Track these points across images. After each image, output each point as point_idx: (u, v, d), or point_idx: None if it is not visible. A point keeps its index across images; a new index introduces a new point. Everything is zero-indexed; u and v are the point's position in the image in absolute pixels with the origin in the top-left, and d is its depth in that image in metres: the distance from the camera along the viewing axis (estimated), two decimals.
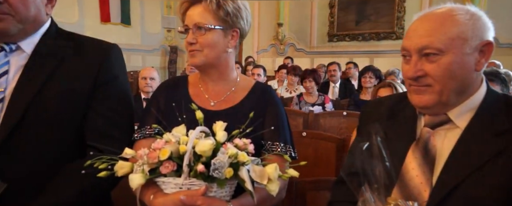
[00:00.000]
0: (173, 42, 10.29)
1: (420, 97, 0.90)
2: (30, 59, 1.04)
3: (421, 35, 0.88)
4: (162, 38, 10.26)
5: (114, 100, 1.12)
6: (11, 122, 0.96)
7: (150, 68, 3.71)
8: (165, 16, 10.08)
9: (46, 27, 1.10)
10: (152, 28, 9.88)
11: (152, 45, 9.86)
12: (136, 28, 9.46)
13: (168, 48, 10.14)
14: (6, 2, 0.96)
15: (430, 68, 0.86)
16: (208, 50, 1.12)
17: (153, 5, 9.74)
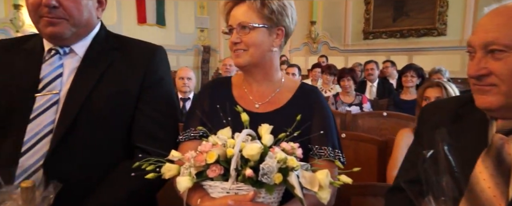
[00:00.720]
0: (206, 42, 10.44)
1: (484, 98, 0.81)
2: (82, 62, 1.06)
3: (488, 30, 0.79)
4: (195, 38, 10.43)
5: (160, 102, 1.13)
6: (66, 123, 0.98)
7: (187, 68, 3.77)
8: (198, 16, 10.24)
9: (97, 31, 1.13)
10: (185, 28, 10.07)
11: (185, 45, 10.05)
12: (171, 28, 9.69)
13: (201, 48, 10.29)
14: (62, 7, 0.99)
15: (496, 66, 0.78)
16: (253, 50, 1.09)
17: (186, 6, 9.93)
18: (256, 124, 1.04)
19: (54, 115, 1.00)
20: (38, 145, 0.97)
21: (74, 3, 1.00)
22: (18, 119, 0.98)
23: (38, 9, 0.98)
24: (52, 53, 1.05)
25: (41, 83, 1.01)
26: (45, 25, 1.00)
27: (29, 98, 0.99)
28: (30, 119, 0.98)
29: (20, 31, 7.15)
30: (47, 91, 1.01)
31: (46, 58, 1.05)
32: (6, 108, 0.99)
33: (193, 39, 10.36)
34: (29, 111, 0.98)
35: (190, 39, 10.24)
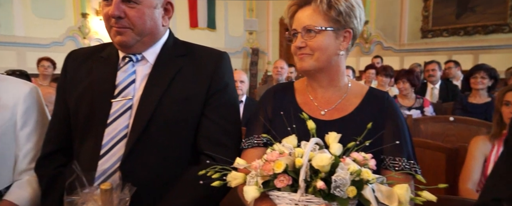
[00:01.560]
0: (254, 44, 10.53)
1: None
2: (153, 68, 1.10)
3: None
4: (244, 40, 10.57)
5: (226, 108, 1.13)
6: (139, 128, 1.02)
7: (239, 71, 3.81)
8: (247, 19, 10.37)
9: (166, 38, 1.16)
10: (235, 31, 10.25)
11: (234, 47, 10.23)
12: (220, 31, 9.92)
13: (249, 50, 10.40)
14: (127, 17, 1.02)
15: None
16: (319, 54, 1.04)
17: (236, 9, 10.10)
18: (322, 132, 0.99)
19: (128, 119, 1.04)
20: (115, 148, 1.01)
21: (138, 13, 1.03)
22: (97, 123, 1.03)
23: (109, 20, 1.03)
24: (126, 60, 1.10)
25: (117, 89, 1.06)
26: (114, 35, 1.05)
27: (107, 104, 1.04)
28: (107, 123, 1.03)
29: (86, 37, 7.79)
30: (122, 97, 1.05)
31: (121, 66, 1.10)
32: (86, 113, 1.05)
33: (242, 42, 10.51)
34: (106, 116, 1.03)
35: (239, 42, 10.40)
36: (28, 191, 1.11)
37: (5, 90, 1.12)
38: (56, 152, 1.11)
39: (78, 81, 1.11)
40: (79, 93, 1.08)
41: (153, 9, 1.07)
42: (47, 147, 1.12)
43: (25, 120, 1.14)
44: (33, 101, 1.17)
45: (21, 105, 1.13)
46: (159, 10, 1.09)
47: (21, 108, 1.13)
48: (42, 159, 1.10)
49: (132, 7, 1.02)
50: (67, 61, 1.16)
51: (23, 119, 1.13)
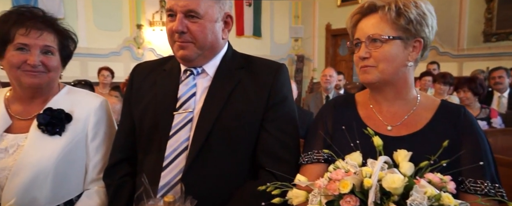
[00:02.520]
0: (299, 51, 10.45)
1: None
2: (213, 81, 1.11)
3: None
4: (289, 47, 10.54)
5: (284, 122, 1.10)
6: (200, 141, 1.03)
7: None
8: (292, 26, 10.35)
9: (225, 50, 1.16)
10: (280, 38, 10.27)
11: (279, 55, 10.22)
12: (266, 39, 9.99)
13: (294, 57, 10.34)
14: (189, 32, 1.04)
15: None
16: (385, 65, 0.98)
17: (281, 16, 10.13)
18: (389, 149, 0.92)
19: (189, 132, 1.05)
20: (176, 160, 1.03)
21: (200, 27, 1.05)
22: (160, 135, 1.06)
23: (172, 35, 1.06)
24: (188, 73, 1.12)
25: (179, 102, 1.08)
26: (177, 49, 1.08)
27: (169, 116, 1.06)
28: (169, 135, 1.05)
29: (140, 47, 8.26)
30: (183, 109, 1.07)
31: (182, 79, 1.12)
32: (150, 125, 1.09)
33: (287, 49, 10.49)
34: (169, 128, 1.05)
35: (284, 49, 10.39)
36: (96, 201, 1.16)
37: (78, 104, 1.19)
38: (122, 162, 1.15)
39: (143, 94, 1.15)
40: (144, 105, 1.12)
41: (214, 23, 1.08)
42: (114, 157, 1.17)
43: (95, 132, 1.19)
44: (102, 114, 1.23)
45: (92, 118, 1.19)
46: (220, 23, 1.10)
47: (92, 121, 1.19)
48: (109, 169, 1.15)
49: (194, 22, 1.04)
50: (133, 74, 1.21)
51: (93, 131, 1.19)
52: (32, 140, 1.11)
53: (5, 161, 1.08)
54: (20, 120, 1.15)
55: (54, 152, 1.10)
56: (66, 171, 1.13)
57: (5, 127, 1.12)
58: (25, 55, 1.08)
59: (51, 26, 1.13)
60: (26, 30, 1.07)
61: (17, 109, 1.16)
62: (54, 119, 1.12)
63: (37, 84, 1.12)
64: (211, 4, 1.06)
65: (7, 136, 1.11)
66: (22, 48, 1.08)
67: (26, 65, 1.08)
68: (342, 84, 4.96)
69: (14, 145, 1.10)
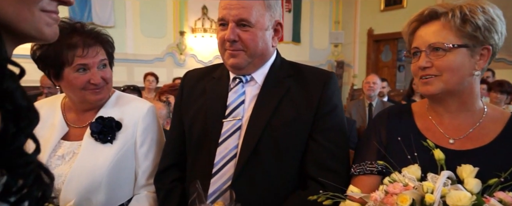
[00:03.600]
0: (339, 57, 10.25)
1: None
2: (261, 89, 1.11)
3: None
4: (329, 53, 10.37)
5: (334, 131, 1.08)
6: (248, 149, 1.03)
7: None
8: (332, 31, 10.19)
9: (273, 58, 1.17)
10: (319, 44, 10.15)
11: (319, 60, 10.09)
12: (305, 44, 9.92)
13: (334, 63, 10.16)
14: (240, 40, 1.05)
15: None
16: (448, 75, 0.92)
17: (321, 22, 10.01)
18: (451, 164, 0.87)
19: (238, 140, 1.06)
20: (225, 167, 1.04)
21: (251, 36, 1.05)
22: (209, 142, 1.08)
23: (223, 43, 1.08)
24: (237, 81, 1.13)
25: (228, 110, 1.10)
26: (227, 57, 1.09)
27: (218, 124, 1.08)
28: (218, 142, 1.06)
29: (183, 53, 8.56)
30: (232, 117, 1.08)
31: (232, 86, 1.14)
32: (199, 131, 1.11)
33: (326, 55, 10.33)
34: (218, 135, 1.07)
35: (323, 55, 10.24)
36: (145, 205, 1.18)
37: (127, 111, 1.22)
38: (172, 167, 1.18)
39: (193, 101, 1.17)
40: (194, 112, 1.15)
41: (264, 31, 1.08)
42: (164, 161, 1.19)
43: (143, 139, 1.21)
44: (150, 120, 1.24)
45: (140, 124, 1.21)
46: (270, 31, 1.11)
47: (140, 127, 1.20)
48: (160, 173, 1.18)
49: (246, 30, 1.05)
50: (184, 81, 1.25)
51: (142, 138, 1.21)
52: (86, 147, 1.14)
53: (61, 168, 1.12)
54: (75, 127, 1.20)
55: (107, 160, 1.13)
56: (118, 177, 1.15)
57: (62, 134, 1.17)
58: (87, 75, 1.11)
59: (98, 39, 1.16)
60: (83, 51, 1.09)
61: (72, 117, 1.21)
62: (105, 127, 1.15)
63: (102, 99, 1.18)
64: (263, 12, 1.07)
65: (64, 143, 1.16)
66: (83, 68, 1.11)
67: (89, 85, 1.12)
68: (385, 91, 4.77)
69: (70, 152, 1.15)
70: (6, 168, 0.47)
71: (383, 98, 4.45)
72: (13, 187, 0.48)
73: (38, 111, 0.50)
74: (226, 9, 1.06)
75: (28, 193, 0.49)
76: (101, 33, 1.18)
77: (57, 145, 1.16)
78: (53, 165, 1.12)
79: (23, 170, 0.49)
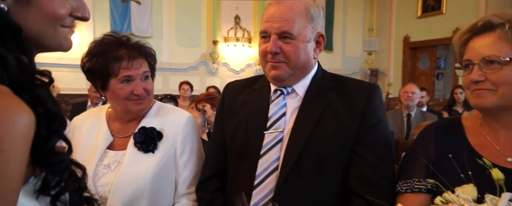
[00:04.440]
0: (373, 65, 10.01)
1: None
2: (303, 102, 1.10)
3: None
4: (362, 61, 10.16)
5: (379, 146, 1.05)
6: (290, 161, 1.02)
7: None
8: (366, 39, 9.99)
9: (315, 70, 1.16)
10: (352, 52, 9.97)
11: (351, 68, 9.91)
12: (337, 52, 9.78)
13: (368, 71, 9.93)
14: (282, 52, 1.06)
15: None
16: (505, 89, 0.87)
17: (354, 29, 9.85)
18: (510, 184, 0.81)
19: (279, 152, 1.06)
20: (267, 180, 1.04)
21: (293, 48, 1.05)
22: (251, 154, 1.08)
23: (265, 56, 1.09)
24: (278, 93, 1.13)
25: (269, 122, 1.10)
26: (269, 69, 1.09)
27: (260, 135, 1.08)
28: (260, 154, 1.06)
29: (215, 62, 8.73)
30: (274, 129, 1.08)
31: (273, 98, 1.14)
32: (241, 143, 1.12)
33: (359, 63, 10.13)
34: (259, 147, 1.07)
35: (356, 63, 10.05)
36: None
37: (167, 121, 1.25)
38: (213, 177, 1.19)
39: (234, 112, 1.19)
40: (235, 123, 1.16)
41: (306, 43, 1.08)
42: (206, 171, 1.21)
43: (183, 149, 1.23)
44: (189, 130, 1.27)
45: (180, 134, 1.23)
46: (312, 43, 1.10)
47: (180, 137, 1.23)
48: (201, 183, 1.20)
49: (288, 42, 1.05)
50: (225, 92, 1.27)
51: (181, 147, 1.23)
52: (130, 157, 1.17)
53: (107, 176, 1.16)
54: (119, 137, 1.24)
55: (150, 169, 1.16)
56: (160, 186, 1.18)
57: (108, 144, 1.22)
58: (130, 86, 1.15)
59: (142, 52, 1.20)
60: (128, 63, 1.13)
61: (117, 127, 1.26)
62: (148, 137, 1.19)
63: (143, 109, 1.22)
64: (305, 25, 1.06)
65: (109, 153, 1.20)
66: (128, 80, 1.15)
67: (133, 96, 1.15)
68: (425, 101, 4.58)
69: (115, 162, 1.19)
70: (43, 166, 0.54)
71: (422, 108, 4.26)
72: (51, 183, 0.54)
73: (63, 117, 0.56)
74: (268, 22, 1.07)
75: (65, 186, 0.56)
76: (145, 46, 1.22)
77: (103, 154, 1.20)
78: (100, 174, 1.17)
79: (58, 167, 0.55)
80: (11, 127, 0.43)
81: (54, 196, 0.55)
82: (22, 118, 0.44)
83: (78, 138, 1.24)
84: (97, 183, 1.15)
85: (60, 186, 0.56)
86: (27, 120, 0.45)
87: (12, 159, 0.43)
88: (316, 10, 1.09)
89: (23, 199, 0.52)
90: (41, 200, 0.54)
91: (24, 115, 0.45)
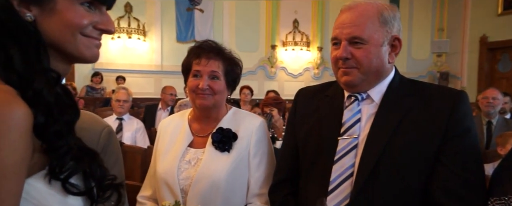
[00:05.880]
0: (443, 67, 9.26)
1: None
2: (379, 108, 1.06)
3: None
4: (430, 63, 9.46)
5: (467, 157, 0.96)
6: (366, 169, 0.99)
7: None
8: (435, 40, 9.28)
9: (392, 76, 1.11)
10: (419, 53, 9.33)
11: (418, 71, 9.26)
12: (402, 54, 9.10)
13: (436, 74, 9.21)
14: (353, 58, 1.03)
15: None
16: None
17: (422, 30, 9.21)
18: None
19: (354, 158, 1.03)
20: (341, 186, 1.02)
21: (364, 53, 1.02)
22: (324, 159, 1.07)
23: (336, 62, 1.07)
24: (352, 99, 1.11)
25: (343, 128, 1.08)
26: (341, 75, 1.07)
27: (333, 141, 1.07)
28: (334, 160, 1.05)
29: (273, 66, 8.81)
30: (348, 135, 1.06)
31: (347, 104, 1.11)
32: (314, 148, 1.11)
33: (427, 65, 9.44)
34: (333, 153, 1.05)
35: (423, 65, 9.38)
36: None
37: (241, 124, 1.34)
38: (285, 181, 1.21)
39: (307, 118, 1.18)
40: (307, 129, 1.16)
41: (379, 47, 1.04)
42: (278, 175, 1.23)
43: (256, 150, 1.30)
44: (261, 134, 1.34)
45: (253, 136, 1.31)
46: (386, 47, 1.06)
47: (253, 139, 1.31)
48: (274, 186, 1.23)
49: (359, 47, 1.03)
50: (297, 98, 1.27)
51: (255, 149, 1.30)
52: (208, 154, 1.28)
53: (188, 171, 1.28)
54: (198, 136, 1.35)
55: (225, 167, 1.25)
56: (233, 184, 1.26)
57: (189, 142, 1.34)
58: (198, 81, 1.27)
59: (219, 55, 1.30)
60: (199, 60, 1.27)
61: (196, 127, 1.37)
62: (224, 137, 1.29)
63: (205, 105, 1.30)
64: (377, 29, 1.03)
65: (190, 150, 1.32)
66: (196, 75, 1.28)
67: (197, 89, 1.28)
68: (508, 108, 4.08)
69: (194, 158, 1.30)
70: (49, 151, 0.59)
71: (505, 115, 3.82)
72: (55, 165, 0.59)
73: (74, 104, 0.64)
74: (338, 28, 1.06)
75: (72, 171, 0.61)
76: (226, 52, 1.33)
77: (185, 152, 1.32)
78: (182, 169, 1.28)
79: (60, 152, 0.60)
80: (4, 119, 0.50)
81: (63, 180, 0.60)
82: (15, 110, 0.51)
83: (163, 137, 1.39)
84: (179, 176, 1.27)
85: (67, 171, 0.60)
86: (19, 112, 0.51)
87: (3, 147, 0.50)
88: (390, 13, 1.05)
89: (40, 184, 0.58)
90: (55, 185, 0.60)
91: (17, 108, 0.52)
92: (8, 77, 0.56)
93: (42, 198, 0.58)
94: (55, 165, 0.59)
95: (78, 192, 0.62)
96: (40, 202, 0.58)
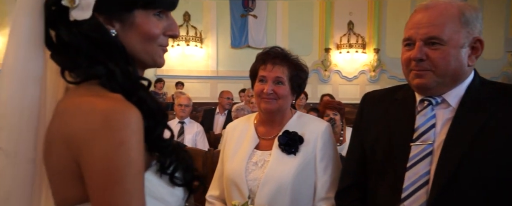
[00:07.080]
0: None
1: None
2: (458, 113, 1.00)
3: None
4: (504, 63, 8.60)
5: None
6: (444, 176, 0.94)
7: None
8: (509, 37, 8.40)
9: (471, 79, 1.04)
10: (490, 53, 8.45)
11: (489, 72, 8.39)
12: None
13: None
14: (429, 59, 0.98)
15: None
16: None
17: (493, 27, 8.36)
18: None
19: (429, 165, 0.98)
20: (416, 194, 0.98)
21: (441, 54, 0.97)
22: (396, 166, 1.03)
23: (408, 63, 1.02)
24: (425, 104, 1.05)
25: (416, 133, 1.03)
26: (413, 78, 1.02)
27: (406, 147, 1.03)
28: (406, 167, 1.01)
29: (327, 69, 8.64)
30: (421, 141, 1.01)
31: (419, 109, 1.06)
32: (384, 154, 1.08)
33: (500, 65, 8.60)
34: (406, 159, 1.01)
35: (496, 65, 8.53)
36: None
37: (307, 128, 1.35)
38: (352, 187, 1.19)
39: (374, 122, 1.15)
40: (376, 134, 1.12)
41: (459, 49, 0.98)
42: (344, 181, 1.22)
43: (323, 154, 1.31)
44: (327, 138, 1.34)
45: (319, 140, 1.31)
46: (466, 49, 0.99)
47: (320, 143, 1.31)
48: (341, 192, 1.22)
49: (436, 49, 0.97)
50: (363, 102, 1.25)
51: (321, 153, 1.30)
52: (275, 156, 1.30)
53: (256, 172, 1.32)
54: (264, 139, 1.39)
55: (291, 169, 1.27)
56: (300, 186, 1.27)
57: (255, 144, 1.38)
58: (263, 86, 1.30)
59: (284, 60, 1.32)
60: (265, 65, 1.31)
61: (262, 130, 1.41)
62: (291, 140, 1.31)
63: (269, 109, 1.33)
64: (458, 29, 0.97)
65: (256, 152, 1.36)
66: (262, 80, 1.31)
67: (262, 94, 1.32)
68: None
69: (261, 160, 1.34)
70: (156, 151, 0.66)
71: None
72: (165, 163, 0.67)
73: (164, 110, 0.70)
74: (413, 28, 1.01)
75: (176, 165, 0.68)
76: (292, 58, 1.35)
77: (252, 154, 1.36)
78: (250, 170, 1.33)
79: (166, 150, 0.67)
80: (127, 124, 0.57)
81: (171, 174, 0.68)
82: (133, 115, 0.58)
83: (230, 140, 1.44)
84: (247, 177, 1.31)
85: (173, 166, 0.68)
86: (136, 117, 0.59)
87: (132, 147, 0.57)
88: (472, 13, 0.99)
89: (154, 178, 0.66)
90: (164, 178, 0.67)
91: (134, 113, 0.59)
92: (113, 87, 0.64)
93: (156, 190, 0.66)
94: (164, 161, 0.67)
95: (182, 184, 0.70)
96: (154, 194, 0.66)
